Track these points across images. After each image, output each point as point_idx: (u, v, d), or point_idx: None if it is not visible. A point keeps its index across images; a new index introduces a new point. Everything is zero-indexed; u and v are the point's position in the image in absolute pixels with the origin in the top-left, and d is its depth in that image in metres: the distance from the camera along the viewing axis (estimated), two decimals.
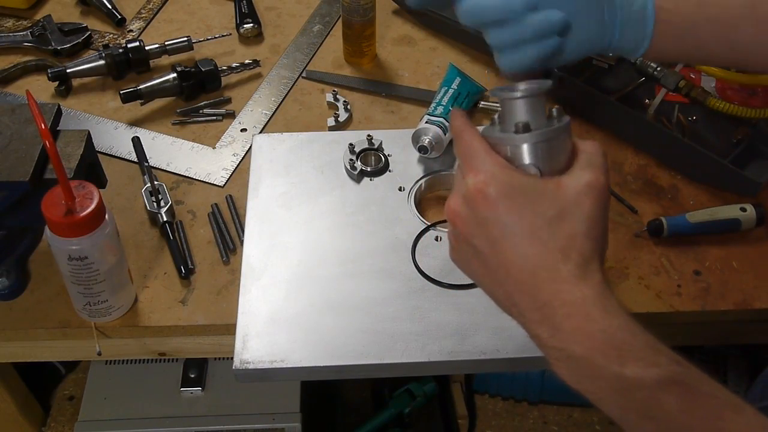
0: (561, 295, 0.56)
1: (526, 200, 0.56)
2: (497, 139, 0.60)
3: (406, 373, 0.84)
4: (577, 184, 0.57)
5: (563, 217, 0.56)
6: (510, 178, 0.57)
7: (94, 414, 1.21)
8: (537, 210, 0.56)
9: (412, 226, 0.94)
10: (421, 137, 0.98)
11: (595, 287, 0.55)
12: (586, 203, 0.56)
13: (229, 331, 0.86)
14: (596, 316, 0.54)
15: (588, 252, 0.56)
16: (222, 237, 0.95)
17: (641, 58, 0.75)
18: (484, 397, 1.58)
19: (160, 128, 1.10)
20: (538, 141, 0.58)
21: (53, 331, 0.87)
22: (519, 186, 0.56)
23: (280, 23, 1.27)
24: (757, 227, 0.93)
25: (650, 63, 1.05)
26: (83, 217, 0.75)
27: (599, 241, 0.57)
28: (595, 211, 0.56)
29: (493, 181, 0.56)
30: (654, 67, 1.04)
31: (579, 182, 0.57)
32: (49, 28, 1.22)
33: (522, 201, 0.56)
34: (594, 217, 0.56)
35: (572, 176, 0.57)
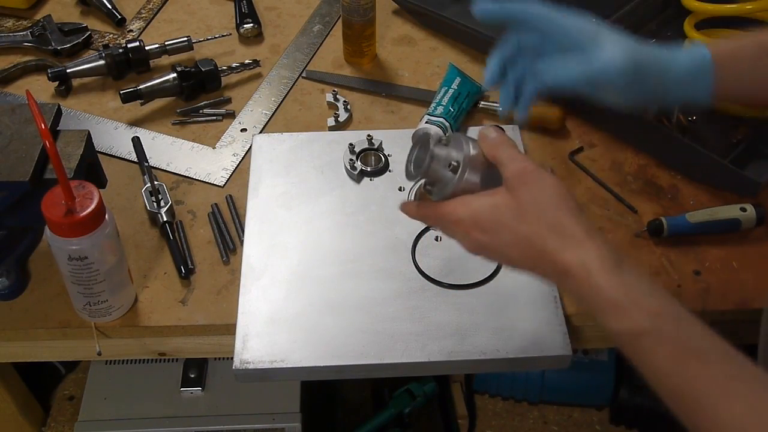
0: (563, 267, 0.62)
1: (495, 220, 0.66)
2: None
3: (406, 373, 0.84)
4: (511, 185, 0.65)
5: (523, 214, 0.64)
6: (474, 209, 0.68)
7: (94, 414, 1.21)
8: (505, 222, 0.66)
9: (412, 226, 0.94)
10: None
11: (585, 254, 0.61)
12: (526, 190, 0.64)
13: (229, 331, 0.86)
14: (590, 278, 0.61)
15: (567, 224, 0.63)
16: (222, 237, 0.95)
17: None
18: (484, 397, 1.58)
19: (160, 128, 1.10)
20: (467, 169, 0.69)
21: (53, 331, 0.87)
22: (482, 212, 0.67)
23: (280, 23, 1.27)
24: (757, 227, 0.93)
25: None
26: (83, 217, 0.75)
27: (567, 210, 0.63)
28: (542, 191, 0.64)
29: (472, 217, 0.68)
30: None
31: (511, 184, 0.65)
32: (49, 28, 1.22)
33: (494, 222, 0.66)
34: (544, 197, 0.64)
35: (504, 184, 0.67)
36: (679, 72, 0.76)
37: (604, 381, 1.48)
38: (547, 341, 0.83)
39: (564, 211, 0.63)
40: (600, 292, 0.60)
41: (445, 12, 1.20)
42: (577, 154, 1.04)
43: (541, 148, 1.05)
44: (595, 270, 0.60)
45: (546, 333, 0.83)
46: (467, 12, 1.19)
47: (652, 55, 0.76)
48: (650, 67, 0.75)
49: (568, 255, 0.61)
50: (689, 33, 1.08)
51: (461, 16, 1.19)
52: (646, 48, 0.76)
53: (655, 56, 0.76)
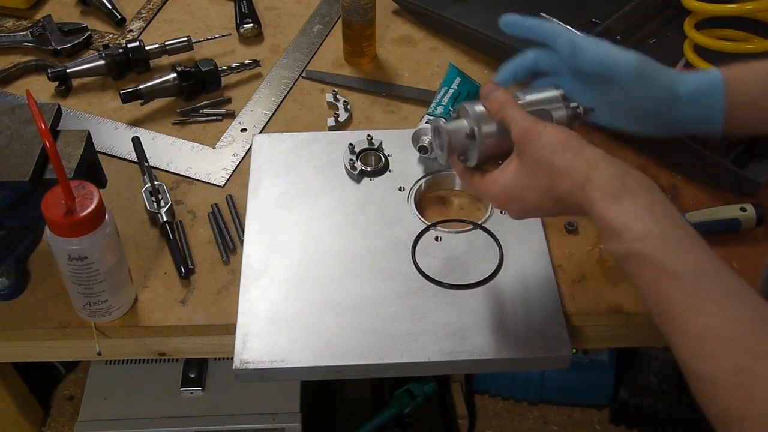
0: (578, 204, 0.69)
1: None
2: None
3: (406, 373, 0.84)
4: (519, 148, 0.73)
5: (536, 171, 0.71)
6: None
7: (94, 414, 1.21)
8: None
9: (412, 226, 0.94)
10: (422, 137, 0.98)
11: (590, 187, 0.67)
12: (531, 148, 0.71)
13: (229, 331, 0.86)
14: (594, 207, 0.67)
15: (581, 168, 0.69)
16: (222, 237, 0.95)
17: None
18: (484, 397, 1.58)
19: (160, 128, 1.10)
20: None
21: (53, 331, 0.87)
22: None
23: (280, 23, 1.27)
24: (757, 227, 0.93)
25: None
26: (83, 217, 0.75)
27: (570, 152, 0.69)
28: (545, 145, 0.70)
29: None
30: None
31: (518, 146, 0.73)
32: (49, 28, 1.22)
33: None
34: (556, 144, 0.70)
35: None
36: (688, 87, 0.81)
37: (604, 381, 1.48)
38: (547, 341, 0.83)
39: (567, 153, 0.69)
40: (600, 219, 0.66)
41: (445, 12, 1.20)
42: None
43: None
44: (596, 200, 0.67)
45: (546, 333, 0.83)
46: (467, 12, 1.20)
47: (662, 69, 0.82)
48: (659, 76, 0.81)
49: (577, 193, 0.68)
50: (689, 33, 1.08)
51: (461, 16, 1.19)
52: (659, 65, 0.82)
53: (664, 69, 0.82)
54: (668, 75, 0.82)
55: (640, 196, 0.66)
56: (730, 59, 1.05)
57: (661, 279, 0.63)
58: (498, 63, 1.15)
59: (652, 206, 0.66)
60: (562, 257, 0.91)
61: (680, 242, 0.64)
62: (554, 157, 0.69)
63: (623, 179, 0.67)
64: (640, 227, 0.64)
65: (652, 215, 0.65)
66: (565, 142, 0.70)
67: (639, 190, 0.66)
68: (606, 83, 0.81)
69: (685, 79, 0.81)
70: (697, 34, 1.07)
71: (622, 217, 0.65)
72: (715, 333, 0.59)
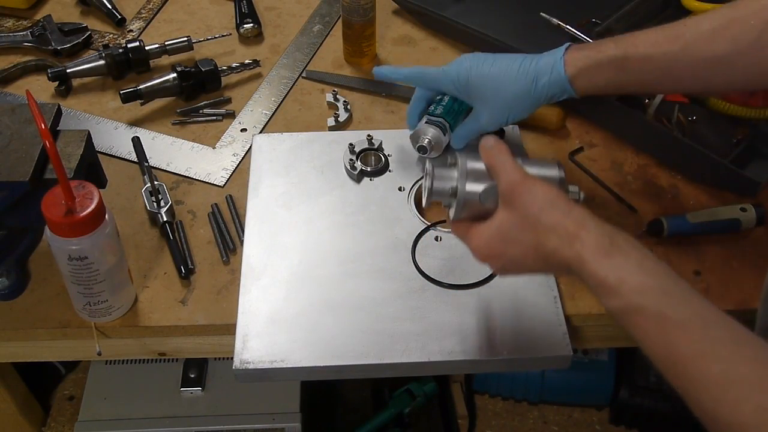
0: (566, 263, 0.68)
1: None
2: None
3: (406, 373, 0.84)
4: (506, 200, 0.72)
5: (523, 226, 0.70)
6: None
7: (94, 414, 1.21)
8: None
9: (412, 226, 0.94)
10: (421, 137, 0.97)
11: (580, 246, 0.66)
12: (519, 202, 0.70)
13: (229, 331, 0.86)
14: (585, 266, 0.66)
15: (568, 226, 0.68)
16: (222, 237, 0.95)
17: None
18: (484, 397, 1.58)
19: (160, 128, 1.10)
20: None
21: (53, 331, 0.87)
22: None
23: (280, 23, 1.27)
24: (757, 227, 0.93)
25: None
26: (83, 217, 0.75)
27: (558, 210, 0.69)
28: (533, 201, 0.70)
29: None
30: None
31: (506, 198, 0.72)
32: (49, 28, 1.22)
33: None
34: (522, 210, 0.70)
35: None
36: (541, 91, 0.87)
37: (604, 381, 1.48)
38: (547, 341, 0.83)
39: (556, 211, 0.68)
40: (593, 277, 0.65)
41: (445, 12, 1.20)
42: (577, 154, 1.04)
43: (541, 148, 1.05)
44: (587, 258, 0.66)
45: (546, 333, 0.83)
46: (467, 12, 1.19)
47: (518, 85, 0.88)
48: (525, 97, 0.88)
49: (566, 251, 0.67)
50: None
51: (461, 16, 1.19)
52: (511, 82, 0.88)
53: (515, 64, 0.88)
54: (522, 72, 0.87)
55: (631, 253, 0.66)
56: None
57: (668, 329, 0.62)
58: None
59: (644, 261, 0.65)
60: None
61: (679, 292, 0.64)
62: (542, 214, 0.69)
63: (612, 237, 0.66)
64: (637, 281, 0.64)
65: (646, 269, 0.65)
66: (554, 200, 0.69)
67: (628, 247, 0.66)
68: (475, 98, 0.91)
69: (537, 87, 0.87)
70: None
71: (616, 273, 0.64)
72: (732, 377, 0.58)
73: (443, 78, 0.92)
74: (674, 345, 0.62)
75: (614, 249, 0.65)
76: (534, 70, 0.87)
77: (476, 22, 1.17)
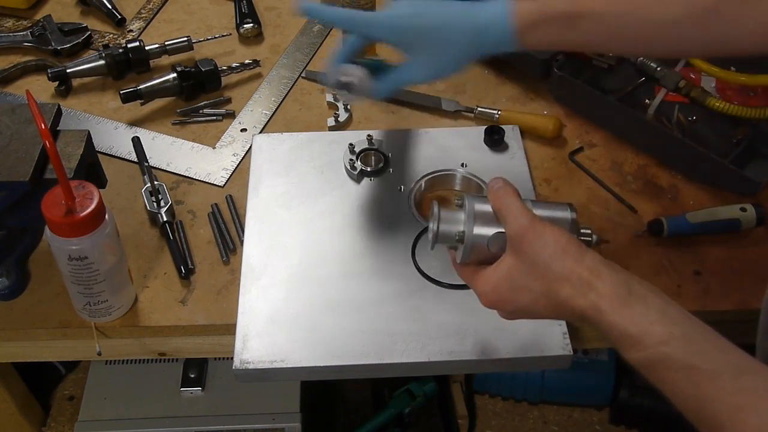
0: (579, 312, 0.65)
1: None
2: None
3: (406, 373, 0.84)
4: (515, 247, 0.68)
5: (533, 272, 0.67)
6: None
7: (94, 414, 1.21)
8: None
9: (412, 226, 0.94)
10: (345, 75, 0.87)
11: (595, 296, 0.63)
12: (529, 248, 0.67)
13: (229, 331, 0.86)
14: (603, 317, 0.63)
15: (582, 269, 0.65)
16: (222, 237, 0.95)
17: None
18: (484, 397, 1.58)
19: (160, 128, 1.10)
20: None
21: (53, 331, 0.87)
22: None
23: (280, 23, 1.27)
24: (757, 227, 0.93)
25: (650, 62, 1.05)
26: (83, 217, 0.75)
27: (570, 257, 0.65)
28: (544, 247, 0.66)
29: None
30: (654, 67, 1.05)
31: (515, 245, 0.68)
32: (49, 28, 1.22)
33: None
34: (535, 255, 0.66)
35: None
36: (485, 48, 0.82)
37: (604, 381, 1.48)
38: (547, 341, 0.83)
39: (567, 258, 0.65)
40: (613, 328, 0.62)
41: None
42: (577, 154, 1.04)
43: (541, 148, 1.05)
44: (605, 309, 0.62)
45: (546, 333, 0.83)
46: None
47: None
48: (468, 51, 0.82)
49: (580, 300, 0.64)
50: None
51: None
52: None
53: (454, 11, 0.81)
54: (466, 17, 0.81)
55: (651, 300, 0.62)
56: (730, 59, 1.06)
57: (698, 381, 0.59)
58: (498, 62, 1.16)
59: (666, 308, 0.62)
60: None
61: (706, 340, 0.61)
62: (553, 262, 0.65)
63: (629, 285, 0.63)
64: (661, 330, 0.60)
65: (669, 318, 0.61)
66: (565, 246, 0.65)
67: (647, 294, 0.63)
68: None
69: (484, 21, 0.80)
70: None
71: (638, 324, 0.61)
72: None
73: (379, 24, 0.84)
74: (707, 398, 0.58)
75: (633, 298, 0.62)
76: (478, 23, 0.80)
77: None
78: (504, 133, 1.02)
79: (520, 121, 1.06)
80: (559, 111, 1.09)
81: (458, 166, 1.00)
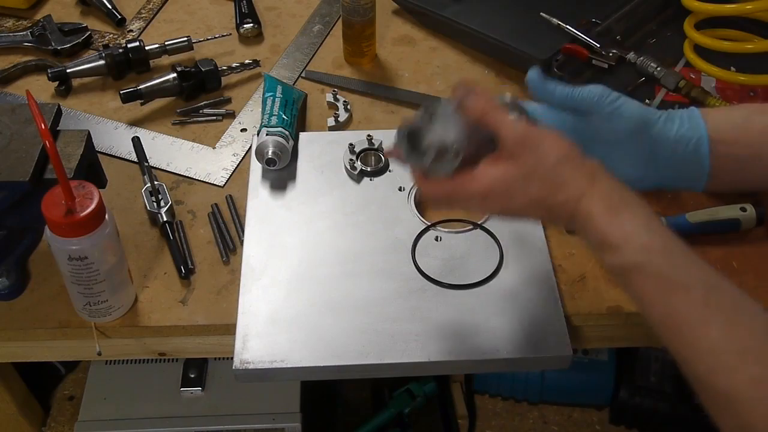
0: (571, 214, 0.68)
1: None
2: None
3: (406, 373, 0.84)
4: (514, 152, 0.69)
5: (531, 178, 0.69)
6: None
7: (94, 414, 1.21)
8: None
9: (412, 226, 0.94)
10: (266, 149, 0.96)
11: (588, 200, 0.67)
12: (529, 154, 0.69)
13: (229, 331, 0.86)
14: (591, 221, 0.66)
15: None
16: (222, 237, 0.95)
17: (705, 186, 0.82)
18: (484, 397, 1.58)
19: (160, 128, 1.10)
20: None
21: (53, 331, 0.87)
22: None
23: (280, 23, 1.27)
24: (757, 227, 0.93)
25: (650, 62, 1.05)
26: (83, 217, 0.75)
27: (569, 163, 0.68)
28: (544, 153, 0.68)
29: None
30: (654, 67, 1.05)
31: (514, 150, 0.69)
32: (49, 28, 1.22)
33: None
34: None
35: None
36: (672, 142, 0.79)
37: (604, 381, 1.48)
38: (547, 341, 0.83)
39: (567, 164, 0.68)
40: (598, 232, 0.66)
41: (445, 12, 1.20)
42: None
43: None
44: (595, 213, 0.66)
45: (546, 333, 0.83)
46: (467, 12, 1.19)
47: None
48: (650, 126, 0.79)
49: (574, 205, 0.67)
50: (689, 33, 1.08)
51: (461, 16, 1.19)
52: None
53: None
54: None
55: (638, 211, 0.65)
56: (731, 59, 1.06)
57: (668, 291, 0.62)
58: (498, 63, 1.16)
59: (650, 221, 0.65)
60: (562, 257, 0.91)
61: (683, 255, 0.64)
62: (556, 168, 0.67)
63: (621, 193, 0.66)
64: (641, 240, 0.64)
65: (652, 230, 0.64)
66: (567, 153, 0.68)
67: (636, 205, 0.66)
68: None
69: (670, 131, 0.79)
70: (697, 34, 1.07)
71: (621, 231, 0.64)
72: (729, 345, 0.58)
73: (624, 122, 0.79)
74: (673, 308, 0.61)
75: (623, 206, 0.65)
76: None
77: (476, 22, 1.17)
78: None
79: None
80: None
81: None
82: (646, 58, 1.06)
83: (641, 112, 0.80)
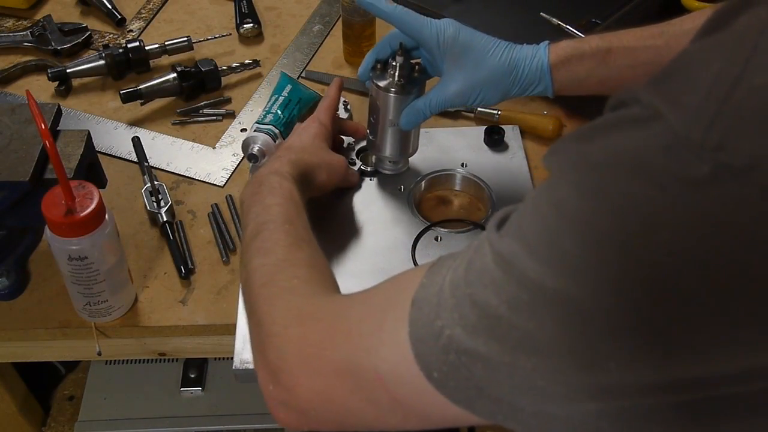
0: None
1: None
2: None
3: None
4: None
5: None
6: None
7: (94, 414, 1.21)
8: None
9: (412, 226, 0.94)
10: (251, 145, 0.97)
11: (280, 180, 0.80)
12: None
13: (229, 331, 0.86)
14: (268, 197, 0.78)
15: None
16: (222, 237, 0.95)
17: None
18: None
19: (160, 128, 1.10)
20: None
21: (53, 331, 0.87)
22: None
23: (280, 23, 1.27)
24: None
25: None
26: (83, 217, 0.75)
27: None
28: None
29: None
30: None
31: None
32: (49, 28, 1.22)
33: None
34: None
35: None
36: (524, 75, 0.85)
37: None
38: None
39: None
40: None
41: (445, 12, 1.20)
42: None
43: (541, 148, 1.05)
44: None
45: None
46: (467, 12, 1.19)
47: (502, 68, 0.85)
48: (502, 78, 0.85)
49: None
50: None
51: (461, 16, 1.18)
52: (497, 62, 0.85)
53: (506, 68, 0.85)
54: (511, 73, 0.85)
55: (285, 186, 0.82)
56: None
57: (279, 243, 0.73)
58: None
59: (292, 194, 0.81)
60: None
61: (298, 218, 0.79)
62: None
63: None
64: (279, 207, 0.78)
65: (288, 199, 0.81)
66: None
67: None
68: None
69: (522, 71, 0.84)
70: None
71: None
72: (274, 273, 0.68)
73: (428, 28, 0.86)
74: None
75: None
76: (516, 54, 0.84)
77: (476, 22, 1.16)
78: (504, 133, 1.03)
79: (520, 121, 1.06)
80: (559, 111, 1.09)
81: (458, 166, 1.00)
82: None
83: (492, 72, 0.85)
